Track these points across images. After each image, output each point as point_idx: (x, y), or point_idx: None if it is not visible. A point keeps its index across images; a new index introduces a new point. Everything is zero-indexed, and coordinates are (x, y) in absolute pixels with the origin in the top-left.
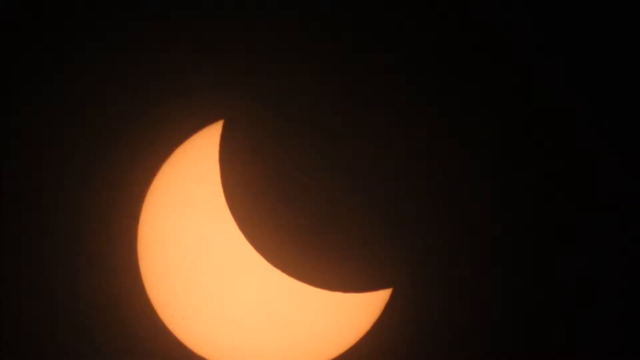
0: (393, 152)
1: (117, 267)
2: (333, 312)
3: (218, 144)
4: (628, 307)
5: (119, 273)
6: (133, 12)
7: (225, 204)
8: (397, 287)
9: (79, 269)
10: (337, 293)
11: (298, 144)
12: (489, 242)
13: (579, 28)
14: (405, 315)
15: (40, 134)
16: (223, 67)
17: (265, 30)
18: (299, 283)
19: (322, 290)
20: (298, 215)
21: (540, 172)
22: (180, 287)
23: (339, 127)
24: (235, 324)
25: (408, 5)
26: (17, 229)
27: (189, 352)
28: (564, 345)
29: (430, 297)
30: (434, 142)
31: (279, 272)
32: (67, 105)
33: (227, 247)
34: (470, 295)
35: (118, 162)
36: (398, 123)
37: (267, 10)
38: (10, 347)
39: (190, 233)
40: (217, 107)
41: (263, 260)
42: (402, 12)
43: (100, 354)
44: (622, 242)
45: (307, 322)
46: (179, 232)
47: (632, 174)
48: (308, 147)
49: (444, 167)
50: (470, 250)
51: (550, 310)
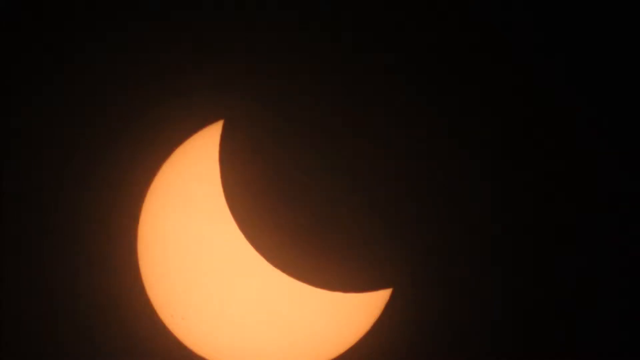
0: (393, 152)
1: (117, 267)
2: (333, 312)
3: (218, 144)
4: (628, 307)
5: (119, 273)
6: (133, 12)
7: (225, 204)
8: (397, 287)
9: (79, 269)
10: (337, 293)
11: (298, 144)
12: (489, 242)
13: (579, 28)
14: (405, 315)
15: (40, 134)
16: (223, 67)
17: (265, 30)
18: (299, 283)
19: (322, 290)
20: (298, 215)
21: (540, 172)
22: (180, 287)
23: (339, 127)
24: (235, 324)
25: (408, 5)
26: (17, 229)
27: (189, 352)
28: (564, 345)
29: (430, 297)
30: (434, 142)
31: (279, 272)
32: (67, 105)
33: (227, 247)
34: (470, 295)
35: (118, 162)
36: (398, 123)
37: (267, 10)
38: (10, 347)
39: (190, 233)
40: (217, 107)
41: (263, 260)
42: (402, 12)
43: (100, 354)
44: (622, 242)
45: (307, 322)
46: (179, 232)
47: (632, 174)
48: (308, 147)
49: (444, 167)
50: (470, 250)
51: (550, 310)
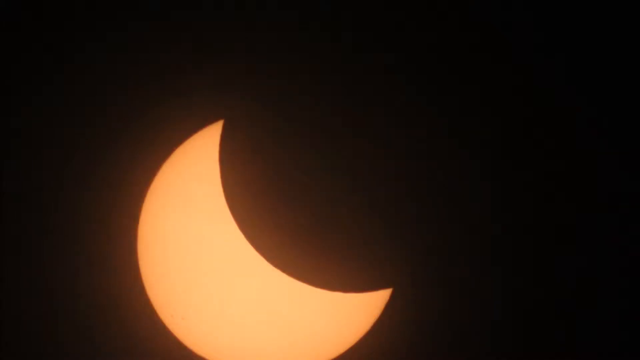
0: (393, 152)
1: (117, 267)
2: (333, 312)
3: (218, 144)
4: (628, 307)
5: (119, 273)
6: (133, 12)
7: (225, 204)
8: (397, 287)
9: (79, 269)
10: (337, 293)
11: (298, 144)
12: (489, 242)
13: (579, 28)
14: (405, 315)
15: (40, 134)
16: (223, 67)
17: (265, 30)
18: (299, 283)
19: (322, 290)
20: (298, 215)
21: (540, 172)
22: (180, 287)
23: (339, 127)
24: (235, 324)
25: (408, 5)
26: (17, 229)
27: (189, 352)
28: (564, 345)
29: (430, 297)
30: (434, 142)
31: (279, 272)
32: (67, 105)
33: (227, 247)
34: (470, 295)
35: (118, 162)
36: (398, 123)
37: (267, 10)
38: (10, 347)
39: (190, 233)
40: (217, 107)
41: (263, 260)
42: (402, 12)
43: (100, 354)
44: (622, 242)
45: (307, 322)
46: (179, 232)
47: (632, 174)
48: (308, 147)
49: (444, 167)
50: (470, 250)
51: (550, 310)
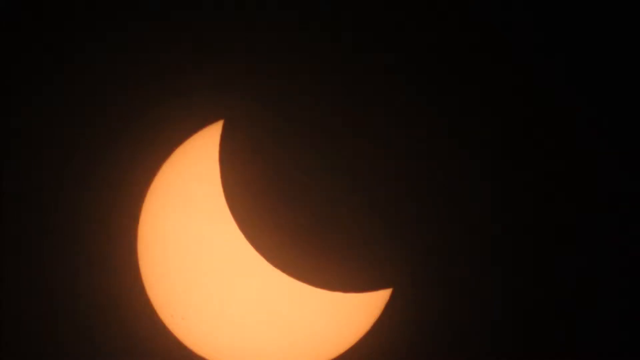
0: (393, 152)
1: (117, 267)
2: (333, 312)
3: (218, 144)
4: (628, 307)
5: (119, 273)
6: (133, 12)
7: (225, 204)
8: (397, 287)
9: (79, 269)
10: (337, 293)
11: (298, 144)
12: (489, 242)
13: (579, 28)
14: (405, 315)
15: (40, 134)
16: (223, 67)
17: (265, 30)
18: (299, 283)
19: (322, 290)
20: (298, 215)
21: (540, 172)
22: (180, 287)
23: (339, 127)
24: (235, 324)
25: (408, 5)
26: (17, 229)
27: (189, 352)
28: (564, 345)
29: (430, 297)
30: (434, 142)
31: (279, 272)
32: (67, 105)
33: (227, 247)
34: (470, 295)
35: (118, 162)
36: (398, 123)
37: (267, 10)
38: (10, 347)
39: (190, 233)
40: (217, 107)
41: (263, 260)
42: (402, 12)
43: (100, 354)
44: (622, 242)
45: (307, 322)
46: (179, 232)
47: (632, 174)
48: (308, 147)
49: (444, 167)
50: (470, 250)
51: (550, 310)
